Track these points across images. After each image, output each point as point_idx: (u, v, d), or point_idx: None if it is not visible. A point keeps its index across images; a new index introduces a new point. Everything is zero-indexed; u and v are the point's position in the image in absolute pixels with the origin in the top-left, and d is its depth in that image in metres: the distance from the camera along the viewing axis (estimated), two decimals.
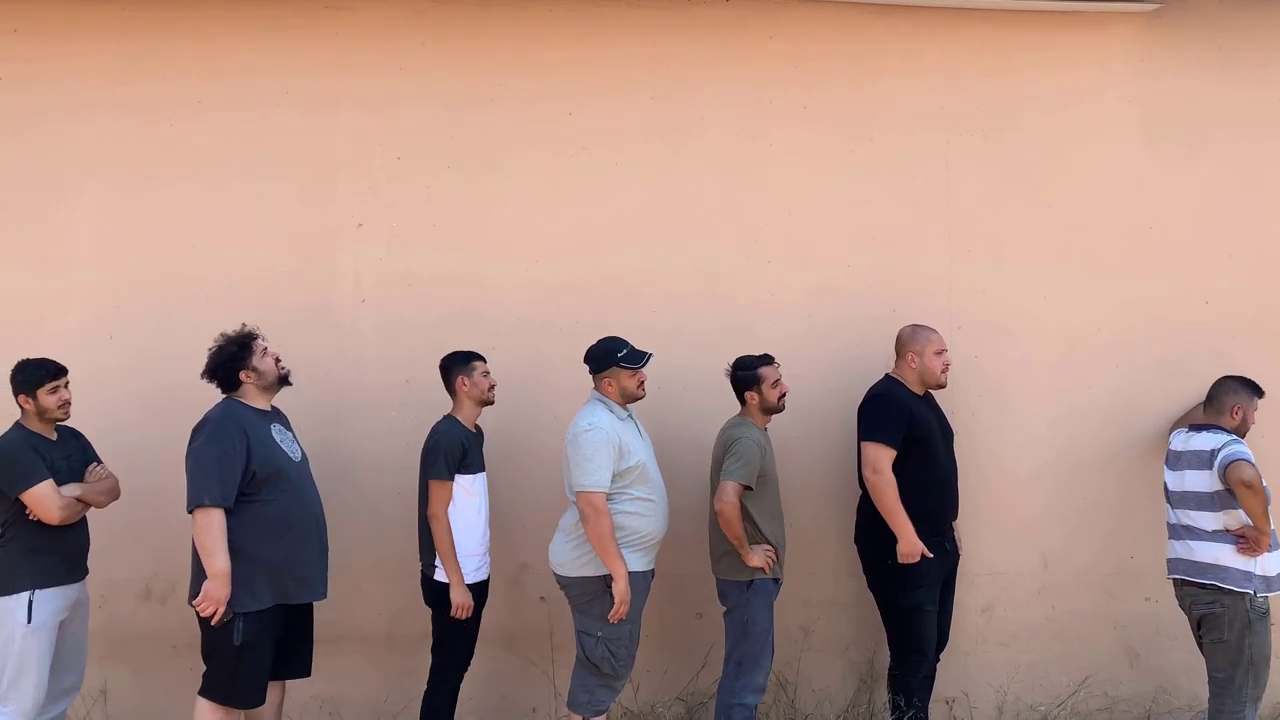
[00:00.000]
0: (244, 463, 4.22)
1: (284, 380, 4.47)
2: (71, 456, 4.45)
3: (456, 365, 4.71)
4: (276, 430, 4.42)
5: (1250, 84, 5.32)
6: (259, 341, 4.45)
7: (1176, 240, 5.26)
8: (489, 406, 4.76)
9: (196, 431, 4.31)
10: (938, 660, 4.89)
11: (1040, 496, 5.21)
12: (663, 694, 5.08)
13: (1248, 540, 4.51)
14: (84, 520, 4.48)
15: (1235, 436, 4.64)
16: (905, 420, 4.66)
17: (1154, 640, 5.17)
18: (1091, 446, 5.21)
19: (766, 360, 4.71)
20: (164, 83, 5.14)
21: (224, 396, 4.42)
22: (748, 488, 4.51)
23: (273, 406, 4.51)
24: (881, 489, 4.60)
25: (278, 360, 4.46)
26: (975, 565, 5.08)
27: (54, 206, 5.12)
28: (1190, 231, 5.27)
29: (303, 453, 4.52)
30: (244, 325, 4.50)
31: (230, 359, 4.40)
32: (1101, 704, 5.15)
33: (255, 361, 4.40)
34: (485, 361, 4.75)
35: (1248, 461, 4.49)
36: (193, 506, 4.18)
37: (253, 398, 4.42)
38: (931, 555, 4.61)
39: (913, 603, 4.68)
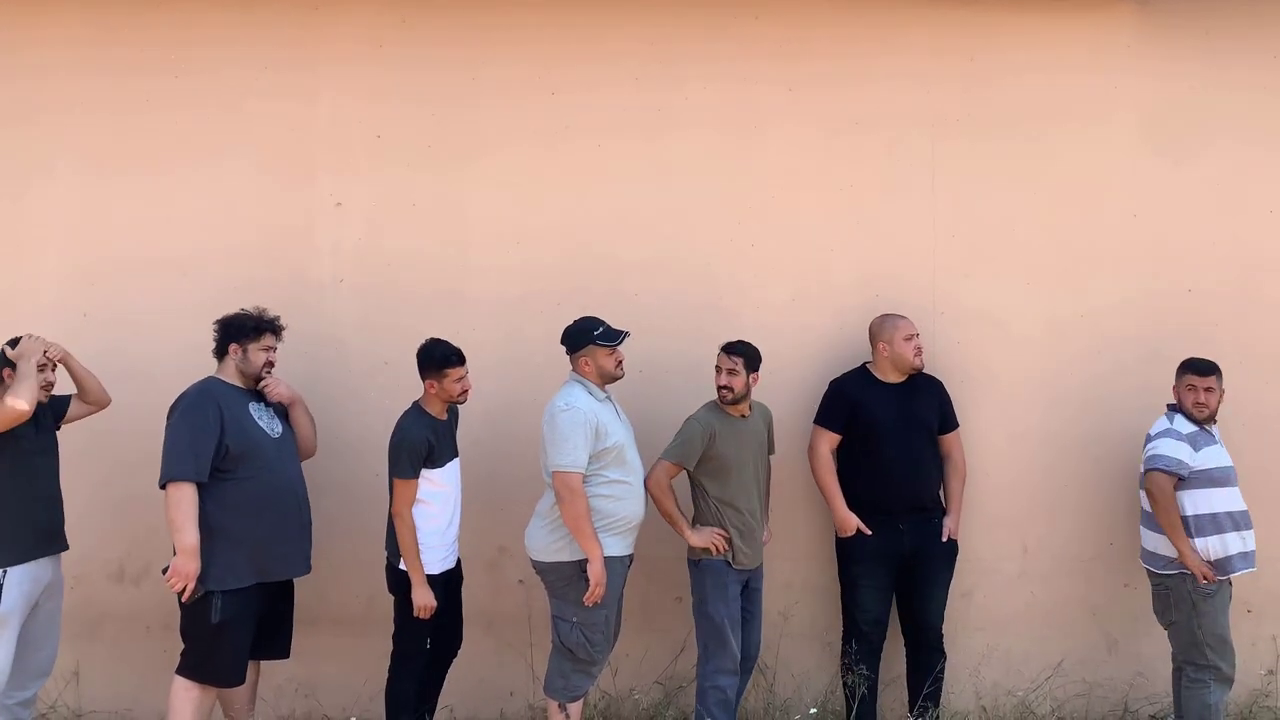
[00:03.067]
0: (218, 438, 4.22)
1: (259, 380, 4.45)
2: (45, 425, 4.43)
3: (430, 368, 4.52)
4: (255, 407, 4.42)
5: (1238, 74, 5.29)
6: (270, 339, 4.46)
7: (1160, 228, 5.25)
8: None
9: (172, 408, 4.32)
10: (933, 648, 4.89)
11: (1021, 483, 5.21)
12: (641, 678, 5.07)
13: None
14: (57, 491, 4.43)
15: (1172, 427, 4.66)
16: (846, 407, 4.87)
17: (1132, 626, 5.18)
18: (1073, 433, 5.21)
19: (722, 348, 4.69)
20: (140, 59, 5.08)
21: (206, 376, 4.43)
22: (690, 469, 4.59)
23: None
24: (812, 466, 4.92)
25: (270, 365, 4.46)
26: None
27: (29, 185, 5.06)
28: (1174, 219, 5.26)
29: (284, 428, 4.50)
30: (271, 315, 4.49)
31: (235, 328, 4.43)
32: (1079, 689, 5.17)
33: (250, 347, 4.41)
34: (464, 365, 4.53)
35: (1162, 471, 4.57)
36: (164, 481, 4.17)
37: (231, 375, 4.42)
38: (869, 532, 4.77)
39: (849, 577, 4.89)
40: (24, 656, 4.33)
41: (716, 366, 4.67)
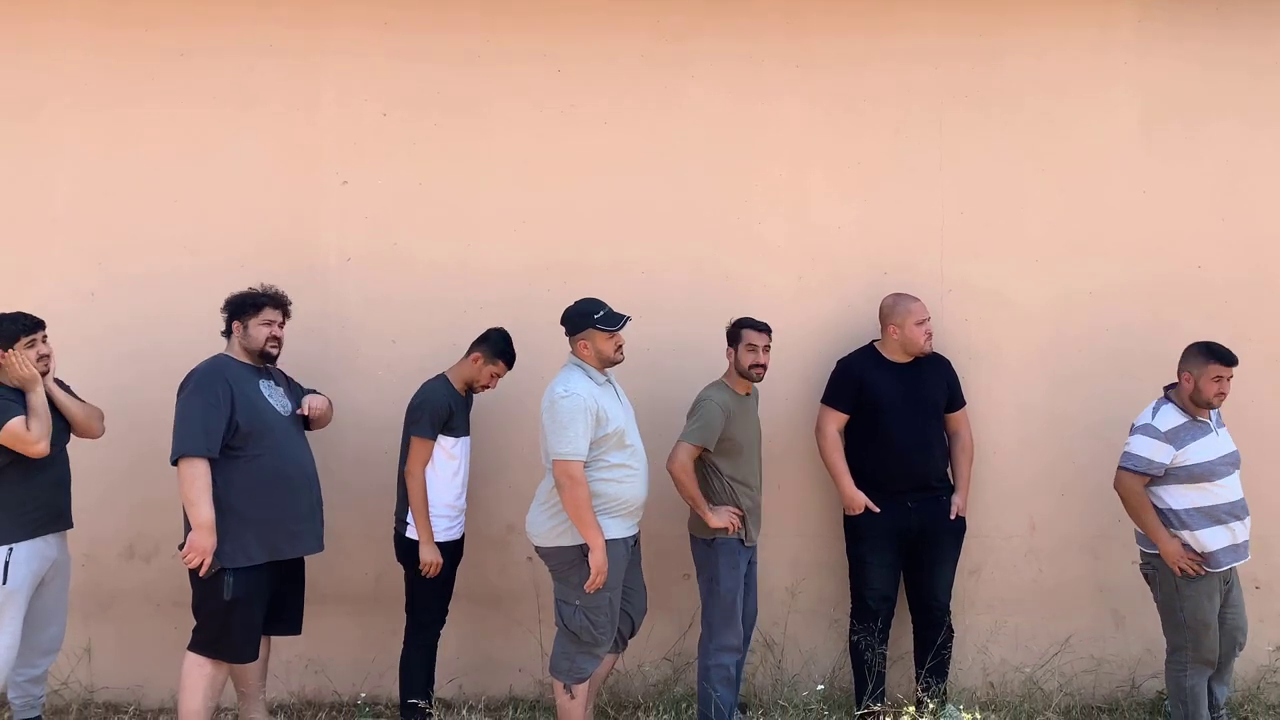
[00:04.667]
0: (229, 415, 4.22)
1: (264, 355, 4.44)
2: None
3: (488, 348, 4.67)
4: (266, 385, 4.42)
5: (1247, 52, 5.23)
6: (271, 312, 4.44)
7: (1169, 205, 5.22)
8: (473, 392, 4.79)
9: (183, 385, 4.32)
10: (940, 625, 4.90)
11: (1028, 460, 5.20)
12: (649, 654, 5.09)
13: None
14: (66, 473, 4.44)
15: (1151, 424, 4.51)
16: (854, 387, 4.89)
17: (1139, 603, 5.16)
18: (1080, 410, 5.19)
19: (751, 324, 4.69)
20: (146, 36, 5.08)
21: (217, 353, 4.45)
22: (708, 449, 4.56)
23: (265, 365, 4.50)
24: (819, 445, 4.95)
25: (273, 339, 4.43)
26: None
27: (35, 162, 5.06)
28: (1183, 196, 5.22)
29: (294, 408, 4.50)
30: (273, 289, 4.49)
31: (237, 306, 4.44)
32: (1087, 665, 5.18)
33: (250, 323, 4.40)
34: (509, 369, 4.72)
35: (1129, 471, 4.51)
36: (176, 457, 4.17)
37: (238, 353, 4.43)
38: (878, 510, 4.79)
39: (857, 554, 4.92)
40: (32, 635, 4.36)
41: (749, 345, 4.62)
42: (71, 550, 4.56)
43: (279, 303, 4.49)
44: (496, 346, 4.68)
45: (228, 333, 4.46)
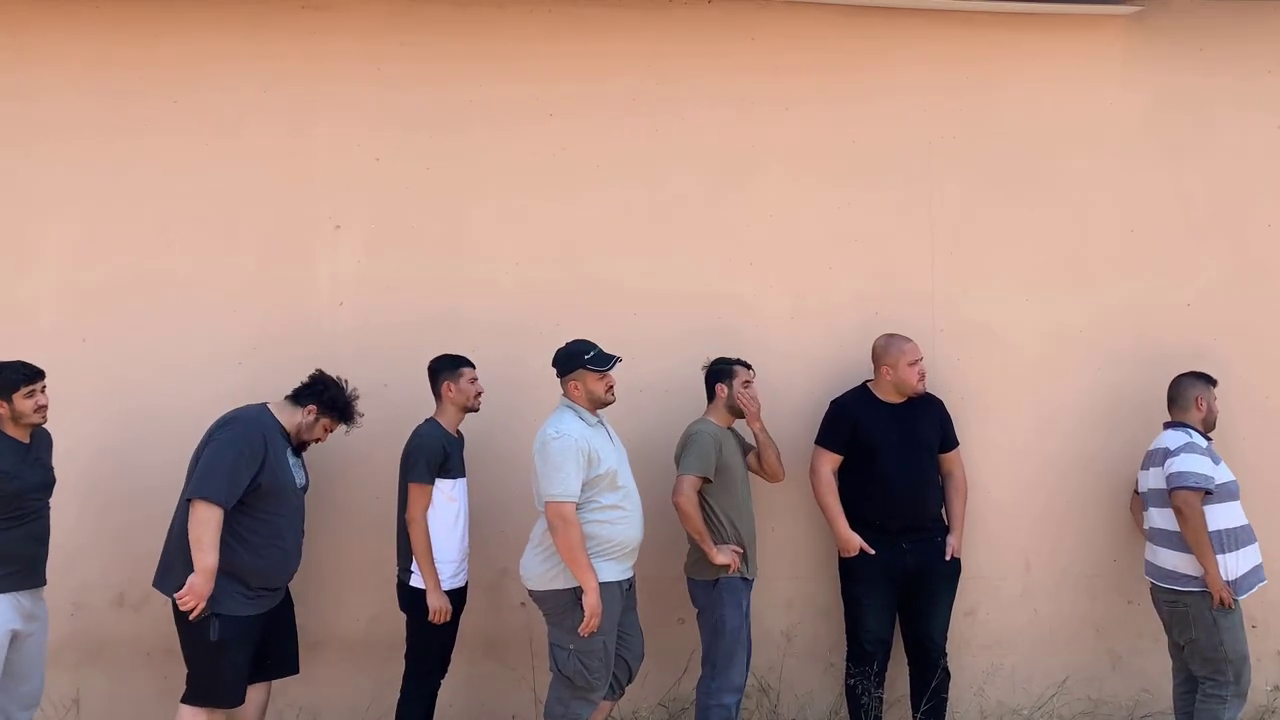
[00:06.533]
0: (255, 472, 4.21)
1: (300, 444, 4.49)
2: (41, 459, 4.38)
3: (444, 370, 4.68)
4: (289, 454, 4.43)
5: (1231, 85, 5.31)
6: (337, 425, 4.52)
7: (1158, 242, 5.26)
8: (472, 413, 4.74)
9: (225, 424, 4.31)
10: (937, 667, 4.87)
11: (1023, 499, 5.19)
12: (645, 699, 5.05)
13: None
14: (45, 529, 4.36)
15: (1192, 441, 4.61)
16: (847, 427, 4.88)
17: (1136, 643, 5.17)
18: (1073, 448, 5.20)
19: (743, 363, 4.78)
20: (139, 79, 5.08)
21: (263, 403, 4.44)
22: (708, 481, 4.57)
23: None
24: (813, 486, 4.93)
25: (316, 440, 4.51)
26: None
27: (28, 207, 5.05)
28: (1172, 233, 5.27)
29: (306, 481, 4.51)
30: (357, 402, 4.54)
31: (328, 397, 4.48)
32: (1084, 707, 5.15)
33: (322, 419, 4.47)
34: (474, 368, 4.72)
35: (1191, 489, 4.49)
36: (198, 497, 4.13)
37: (285, 418, 4.43)
38: (873, 552, 4.77)
39: (852, 596, 4.90)
40: (11, 689, 4.28)
41: (745, 381, 4.73)
42: (61, 598, 4.52)
43: (349, 417, 4.56)
44: (446, 362, 4.69)
45: (299, 400, 4.45)
